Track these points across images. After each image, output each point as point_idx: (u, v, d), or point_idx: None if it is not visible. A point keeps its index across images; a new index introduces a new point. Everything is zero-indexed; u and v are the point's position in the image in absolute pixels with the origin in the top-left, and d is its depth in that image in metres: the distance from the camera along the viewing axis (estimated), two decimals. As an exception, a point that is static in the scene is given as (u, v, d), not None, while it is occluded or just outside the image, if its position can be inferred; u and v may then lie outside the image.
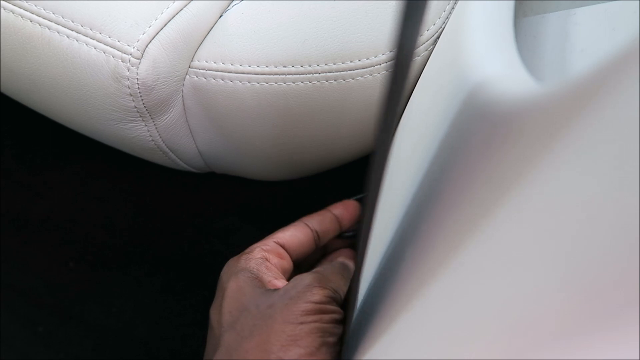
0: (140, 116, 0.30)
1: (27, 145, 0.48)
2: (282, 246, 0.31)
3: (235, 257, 0.31)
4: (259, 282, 0.28)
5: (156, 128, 0.31)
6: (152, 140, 0.32)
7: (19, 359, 0.44)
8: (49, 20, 0.28)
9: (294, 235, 0.32)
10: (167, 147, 0.33)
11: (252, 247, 0.31)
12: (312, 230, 0.32)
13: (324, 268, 0.29)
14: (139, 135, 0.31)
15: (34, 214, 0.47)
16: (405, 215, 0.22)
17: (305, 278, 0.26)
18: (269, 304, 0.25)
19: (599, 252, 0.10)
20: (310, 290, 0.25)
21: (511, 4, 0.22)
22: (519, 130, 0.15)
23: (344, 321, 0.25)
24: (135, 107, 0.29)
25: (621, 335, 0.10)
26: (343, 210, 0.33)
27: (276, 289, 0.26)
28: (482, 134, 0.16)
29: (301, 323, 0.24)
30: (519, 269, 0.13)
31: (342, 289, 0.27)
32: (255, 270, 0.29)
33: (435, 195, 0.19)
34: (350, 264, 0.30)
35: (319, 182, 0.37)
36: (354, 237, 0.34)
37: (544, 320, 0.11)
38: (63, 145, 0.46)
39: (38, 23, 0.28)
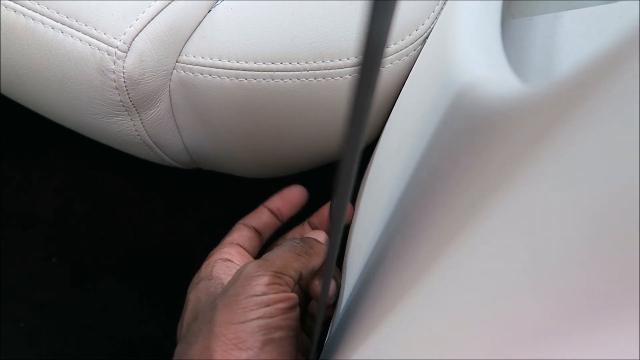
0: (126, 110, 0.29)
1: (11, 139, 0.47)
2: (238, 244, 0.31)
3: (200, 269, 0.30)
4: (220, 286, 0.27)
5: (142, 123, 0.30)
6: (138, 135, 0.31)
7: (-1, 355, 0.43)
8: (34, 11, 0.27)
9: (241, 235, 0.32)
10: (153, 142, 0.32)
11: (211, 253, 0.31)
12: (250, 228, 0.32)
13: (270, 252, 0.27)
14: (124, 129, 0.31)
15: (17, 208, 0.46)
16: (392, 215, 0.22)
17: (245, 268, 0.25)
18: (212, 306, 0.24)
19: (584, 253, 0.10)
20: (250, 283, 0.23)
21: (499, 6, 0.22)
22: (504, 131, 0.15)
23: (314, 318, 0.24)
24: (121, 101, 0.28)
25: (604, 334, 0.10)
26: (279, 203, 0.34)
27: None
28: (469, 135, 0.16)
29: (242, 322, 0.22)
30: (504, 269, 0.13)
31: (294, 266, 0.25)
32: (215, 275, 0.28)
33: (422, 196, 0.19)
34: (300, 243, 0.28)
35: (306, 179, 0.37)
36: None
37: (529, 321, 0.11)
38: (47, 139, 0.45)
39: (22, 13, 0.27)
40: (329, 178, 0.37)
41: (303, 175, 0.38)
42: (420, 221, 0.18)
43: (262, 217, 0.33)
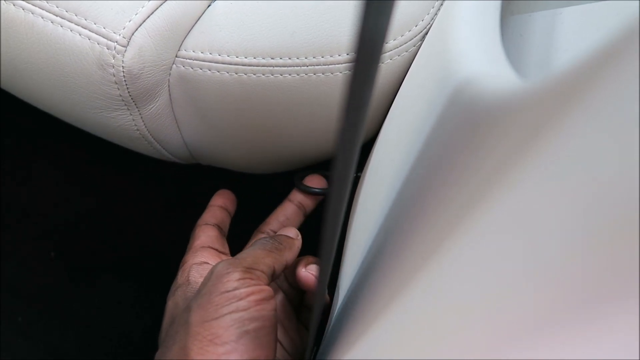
0: (125, 105, 0.29)
1: (9, 134, 0.47)
2: (210, 247, 0.31)
3: (176, 276, 0.30)
4: (197, 290, 0.27)
5: (141, 117, 0.30)
6: (137, 129, 0.31)
7: (-3, 349, 0.43)
8: (33, 5, 0.27)
9: (208, 236, 0.32)
10: (152, 137, 0.32)
11: (184, 259, 0.31)
12: (214, 226, 0.33)
13: (241, 252, 0.27)
14: (123, 124, 0.31)
15: (16, 202, 0.46)
16: (391, 210, 0.22)
17: (216, 267, 0.25)
18: (187, 308, 0.24)
19: (583, 247, 0.10)
20: (221, 280, 0.24)
21: (498, 2, 0.22)
22: (503, 126, 0.15)
23: (312, 309, 0.24)
24: (120, 95, 0.28)
25: (604, 327, 0.10)
26: (223, 200, 0.35)
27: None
28: (467, 130, 0.16)
29: (216, 318, 0.22)
30: (502, 265, 0.13)
31: (265, 261, 0.26)
32: (192, 280, 0.28)
33: (420, 191, 0.19)
34: (270, 240, 0.28)
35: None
36: (321, 195, 0.35)
37: (528, 317, 0.11)
38: (46, 133, 0.45)
39: (21, 7, 0.27)
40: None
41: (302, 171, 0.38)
42: (417, 217, 0.18)
43: (216, 213, 0.34)
